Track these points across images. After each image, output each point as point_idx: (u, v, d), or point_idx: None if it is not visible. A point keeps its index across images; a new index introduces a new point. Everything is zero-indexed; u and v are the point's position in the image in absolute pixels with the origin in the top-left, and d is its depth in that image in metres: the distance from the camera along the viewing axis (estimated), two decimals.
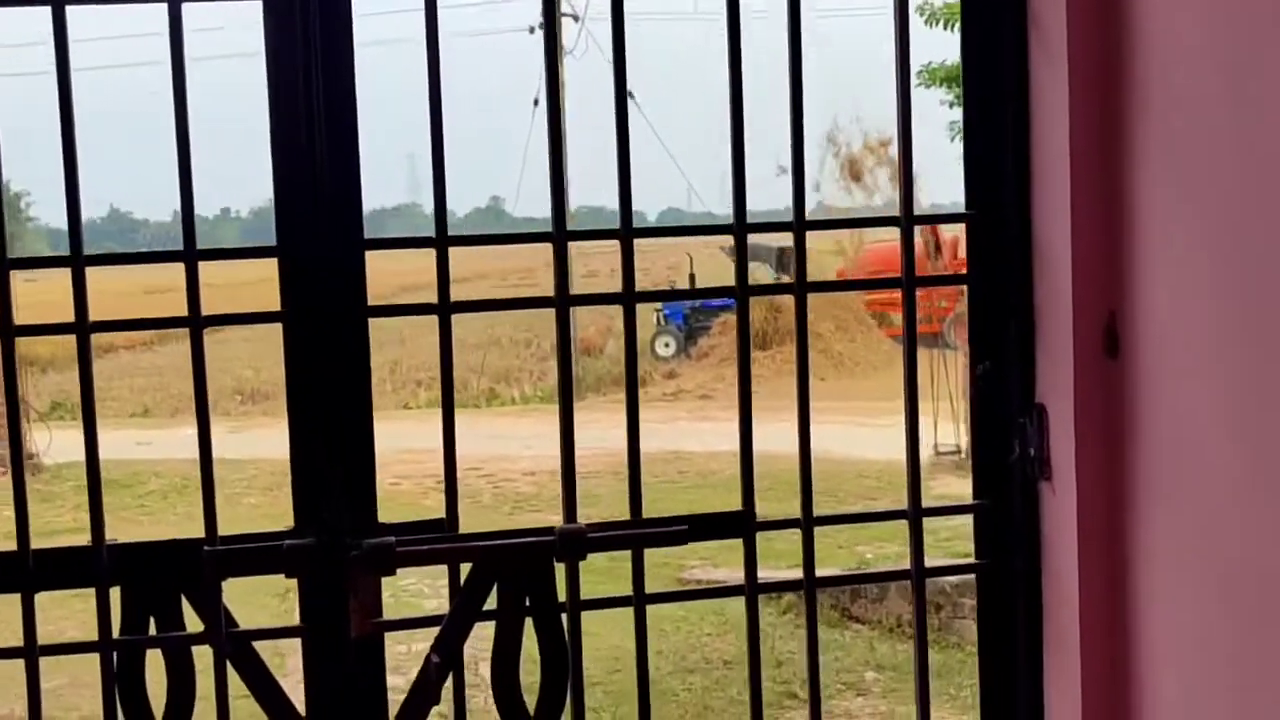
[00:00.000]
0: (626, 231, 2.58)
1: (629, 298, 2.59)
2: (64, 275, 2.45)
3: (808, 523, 2.67)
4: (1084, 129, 2.53)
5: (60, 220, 2.54)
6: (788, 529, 2.71)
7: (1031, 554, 2.71)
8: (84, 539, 2.53)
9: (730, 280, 2.63)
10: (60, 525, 15.85)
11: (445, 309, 2.53)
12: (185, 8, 2.45)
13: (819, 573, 2.70)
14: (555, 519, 2.59)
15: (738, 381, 2.63)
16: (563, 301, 2.57)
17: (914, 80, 2.59)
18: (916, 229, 2.68)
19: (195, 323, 2.49)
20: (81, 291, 2.46)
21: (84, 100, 2.50)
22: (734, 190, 2.60)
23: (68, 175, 2.45)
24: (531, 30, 29.64)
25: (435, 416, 2.56)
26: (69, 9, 2.42)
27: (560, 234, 2.56)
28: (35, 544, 2.50)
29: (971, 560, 2.77)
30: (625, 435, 2.64)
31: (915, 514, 2.71)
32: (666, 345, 28.97)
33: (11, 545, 2.49)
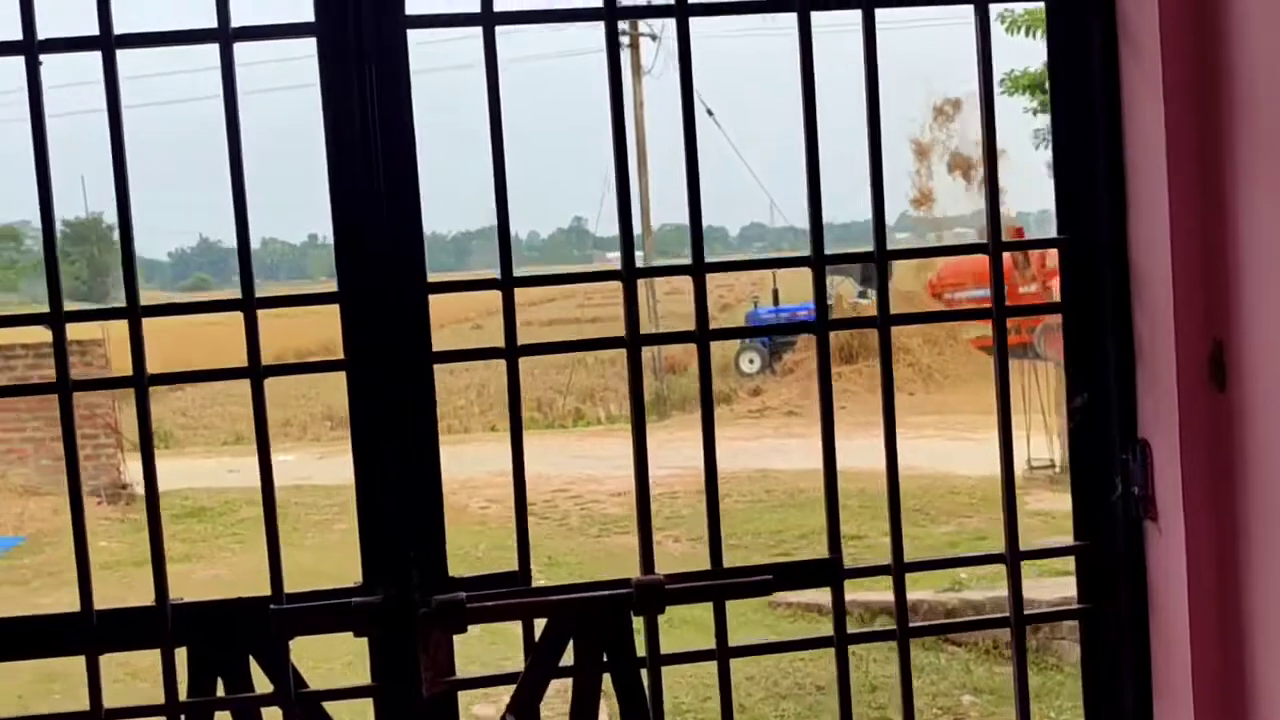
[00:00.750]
0: (699, 267, 2.47)
1: (703, 336, 2.47)
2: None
3: (899, 568, 2.54)
4: (1182, 146, 2.39)
5: (153, 251, 2.48)
6: (876, 575, 2.58)
7: (1137, 597, 2.55)
8: (179, 568, 2.46)
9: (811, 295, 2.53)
10: None
11: (512, 352, 2.43)
12: (240, 46, 2.38)
13: (911, 595, 2.56)
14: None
15: (820, 421, 2.51)
16: (634, 341, 2.46)
17: (997, 89, 2.46)
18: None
19: (255, 373, 2.41)
20: (139, 344, 2.39)
21: (167, 132, 2.44)
22: (810, 219, 2.48)
23: (121, 216, 2.38)
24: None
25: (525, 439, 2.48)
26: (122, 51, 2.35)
27: (630, 272, 2.46)
28: (129, 574, 2.43)
29: (1075, 605, 2.62)
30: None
31: (1013, 558, 2.57)
32: (751, 362, 28.79)
33: (112, 574, 2.43)
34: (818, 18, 2.43)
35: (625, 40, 29.50)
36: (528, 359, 2.45)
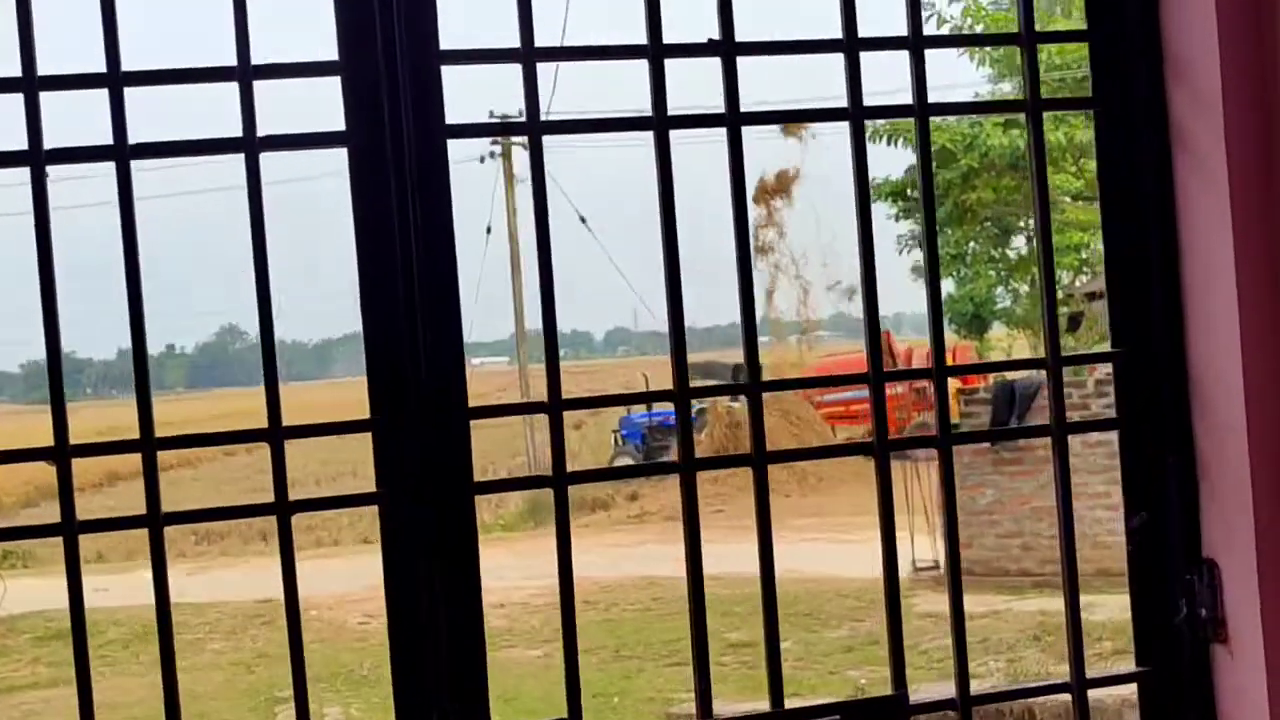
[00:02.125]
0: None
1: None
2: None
3: (965, 702, 2.41)
4: (1250, 258, 2.32)
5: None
6: (943, 710, 2.44)
7: None
8: (44, 694, 2.24)
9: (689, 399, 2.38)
10: (19, 680, 15.27)
11: (560, 480, 2.27)
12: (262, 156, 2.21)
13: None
14: (533, 653, 2.34)
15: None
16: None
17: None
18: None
19: (283, 509, 2.22)
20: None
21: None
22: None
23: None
24: (482, 160, 29.61)
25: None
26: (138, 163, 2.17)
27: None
28: None
29: None
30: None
31: (1079, 686, 2.45)
32: (624, 465, 28.69)
33: None
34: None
35: (498, 149, 29.57)
36: None
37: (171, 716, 2.23)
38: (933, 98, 2.39)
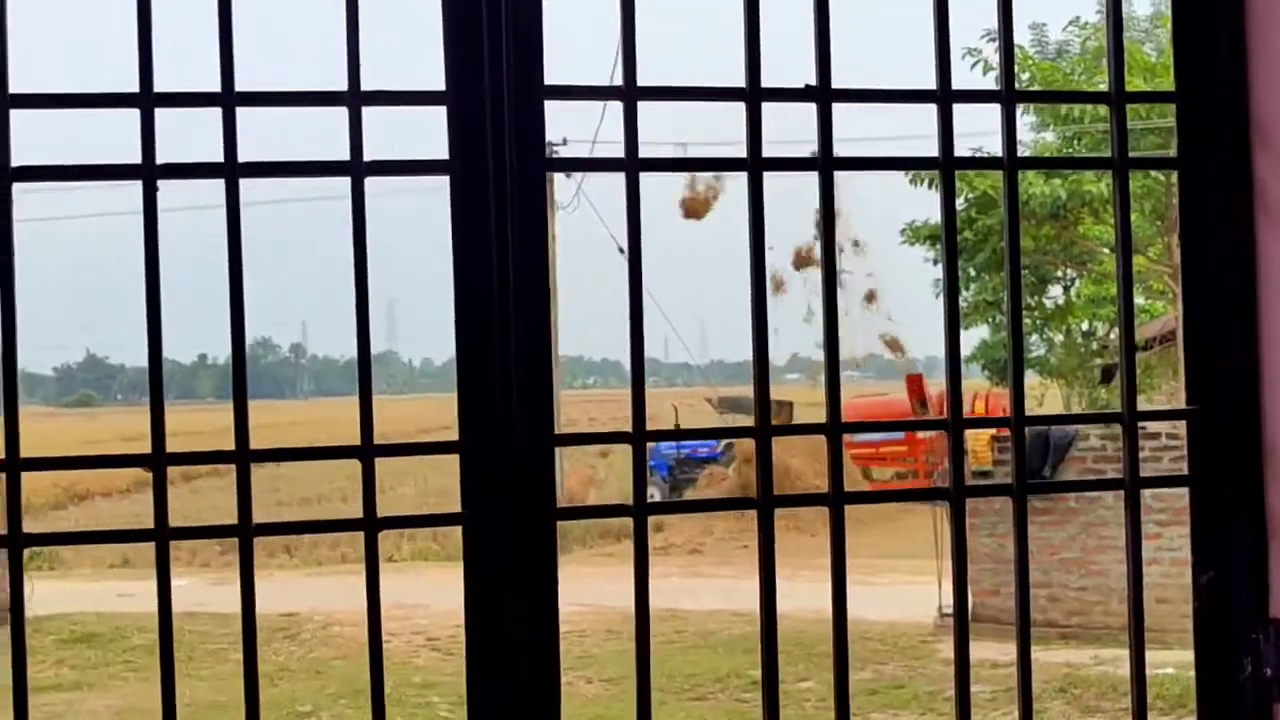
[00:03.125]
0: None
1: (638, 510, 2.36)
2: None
3: None
4: None
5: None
6: None
7: None
8: (67, 696, 2.27)
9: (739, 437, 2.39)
10: (43, 681, 15.33)
11: (641, 510, 2.31)
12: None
13: None
14: None
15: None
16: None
17: (899, 239, 2.44)
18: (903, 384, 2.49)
19: (370, 525, 2.26)
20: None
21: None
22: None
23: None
24: None
25: (421, 570, 2.33)
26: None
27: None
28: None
29: None
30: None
31: None
32: (651, 496, 28.69)
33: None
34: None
35: None
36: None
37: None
38: (971, 144, 2.44)
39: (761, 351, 2.37)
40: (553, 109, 2.27)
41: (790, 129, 2.58)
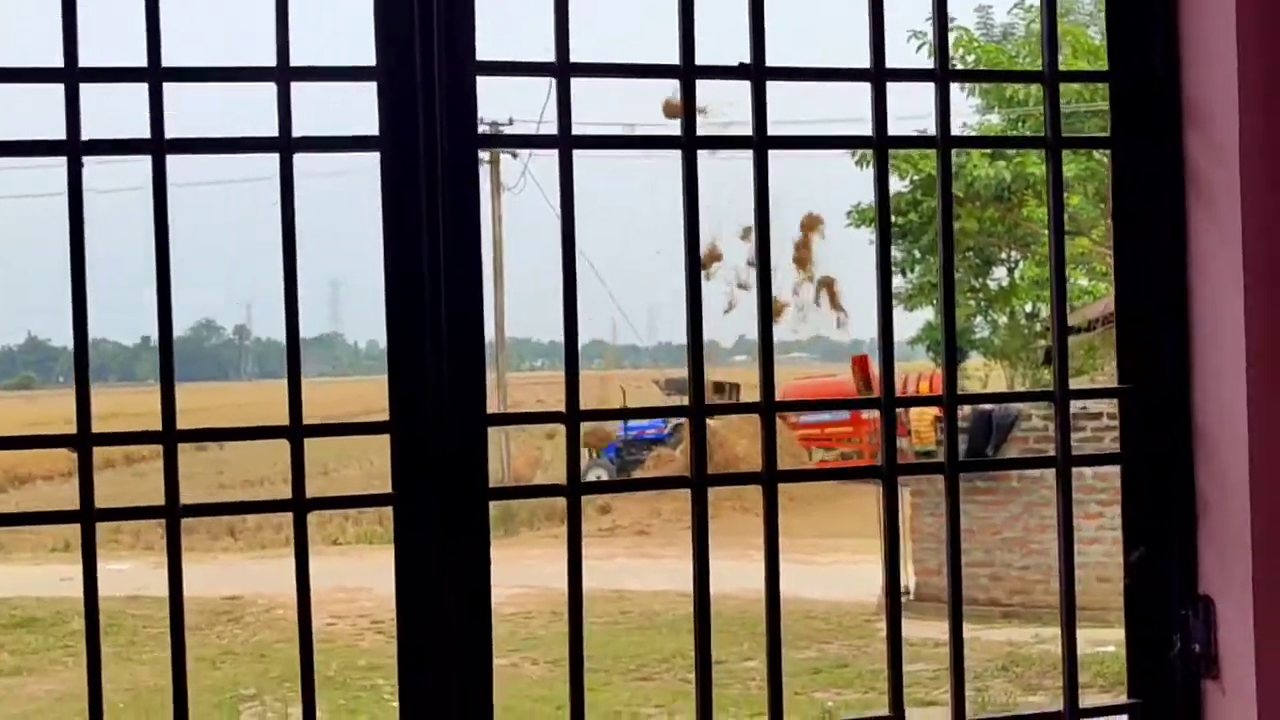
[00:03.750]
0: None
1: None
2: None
3: None
4: (1259, 301, 2.37)
5: None
6: None
7: None
8: (6, 681, 2.24)
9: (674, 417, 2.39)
10: None
11: (575, 490, 2.30)
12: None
13: None
14: (500, 662, 2.36)
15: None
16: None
17: (844, 221, 2.45)
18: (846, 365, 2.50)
19: (299, 506, 2.24)
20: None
21: None
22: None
23: None
24: None
25: (366, 553, 2.31)
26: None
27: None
28: None
29: None
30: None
31: (1073, 715, 2.48)
32: (599, 478, 28.67)
33: None
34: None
35: (486, 156, 29.58)
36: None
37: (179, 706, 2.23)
38: (917, 127, 2.44)
39: (696, 332, 2.36)
40: (504, 90, 2.25)
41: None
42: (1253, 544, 2.38)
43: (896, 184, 23.62)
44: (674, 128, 2.34)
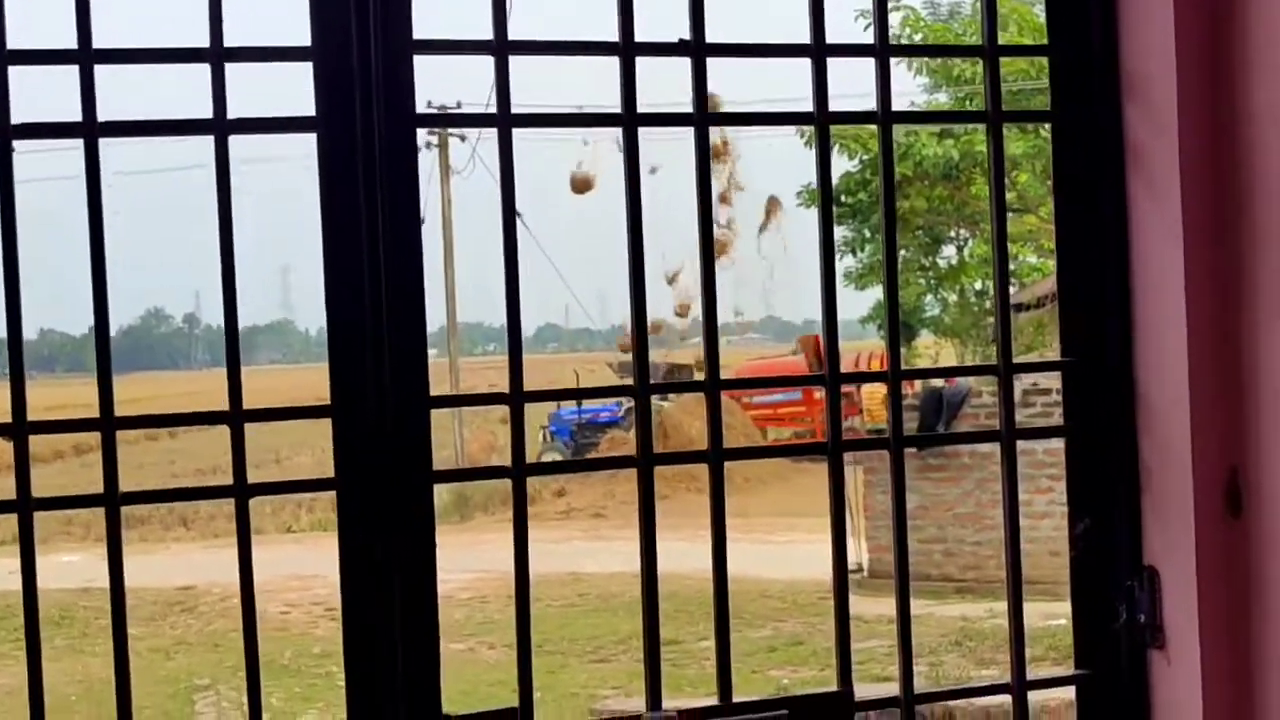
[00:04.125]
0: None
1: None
2: None
3: (909, 702, 2.45)
4: (1199, 276, 2.38)
5: None
6: (888, 707, 2.48)
7: None
8: None
9: (615, 396, 2.39)
10: None
11: (520, 472, 2.29)
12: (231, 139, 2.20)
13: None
14: (457, 646, 2.37)
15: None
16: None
17: (794, 201, 2.46)
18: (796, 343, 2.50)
19: (241, 492, 2.22)
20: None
21: None
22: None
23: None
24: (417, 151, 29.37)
25: (320, 540, 2.29)
26: None
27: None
28: None
29: None
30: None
31: (1020, 688, 2.50)
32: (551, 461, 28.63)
33: None
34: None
35: (434, 140, 29.47)
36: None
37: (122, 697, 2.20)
38: (866, 105, 2.43)
39: (640, 311, 2.35)
40: (454, 75, 2.22)
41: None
42: (1195, 514, 2.39)
43: (846, 164, 23.71)
44: (613, 105, 2.32)
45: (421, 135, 29.32)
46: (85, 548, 22.81)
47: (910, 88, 24.37)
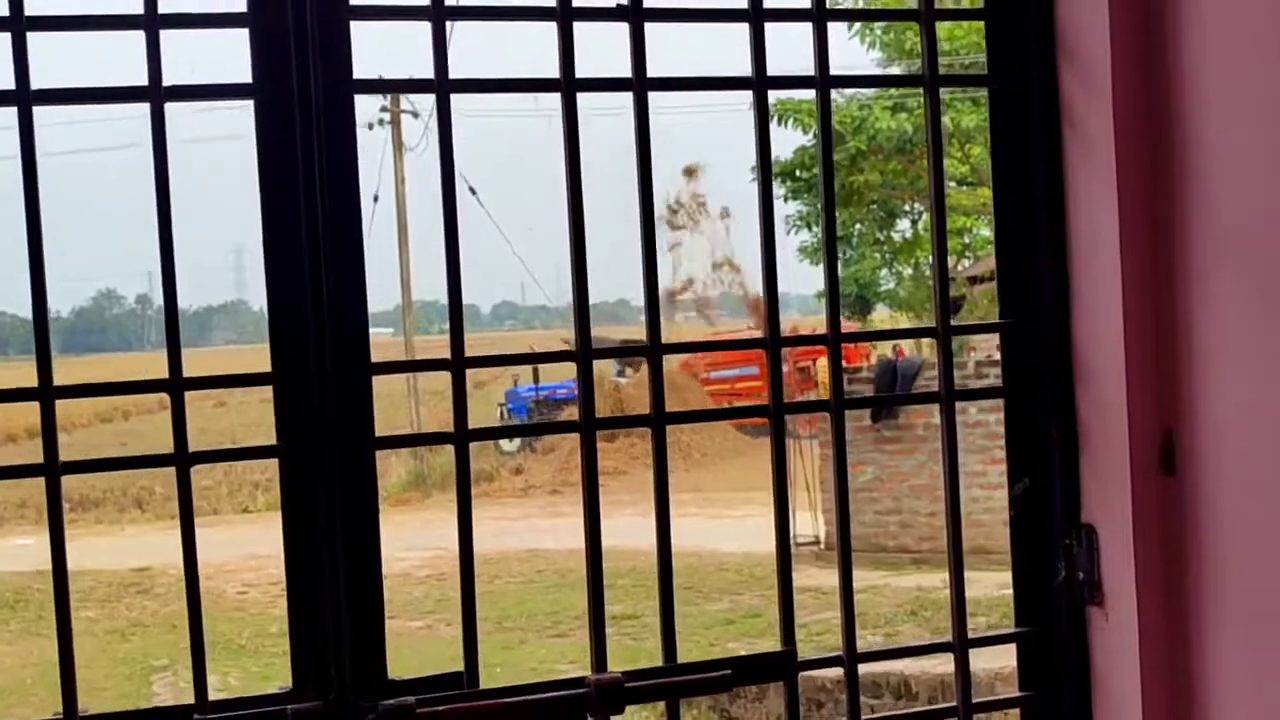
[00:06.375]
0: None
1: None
2: None
3: (851, 660, 2.47)
4: (1133, 232, 2.41)
5: None
6: (830, 667, 2.51)
7: (1080, 684, 2.54)
8: None
9: (572, 374, 2.40)
10: None
11: (463, 437, 2.30)
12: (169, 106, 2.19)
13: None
14: (414, 624, 2.40)
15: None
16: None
17: (747, 177, 2.46)
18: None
19: (182, 460, 2.21)
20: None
21: None
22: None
23: None
24: (370, 127, 29.25)
25: (277, 519, 2.26)
26: None
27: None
28: None
29: (1017, 693, 2.59)
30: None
31: (961, 646, 2.53)
32: (510, 440, 28.60)
33: None
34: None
35: (387, 116, 29.32)
36: None
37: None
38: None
39: (581, 279, 2.35)
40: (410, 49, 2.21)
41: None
42: (1131, 472, 2.43)
43: (800, 138, 23.70)
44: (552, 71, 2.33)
45: (374, 111, 29.22)
46: (39, 531, 22.66)
47: (863, 60, 24.39)
